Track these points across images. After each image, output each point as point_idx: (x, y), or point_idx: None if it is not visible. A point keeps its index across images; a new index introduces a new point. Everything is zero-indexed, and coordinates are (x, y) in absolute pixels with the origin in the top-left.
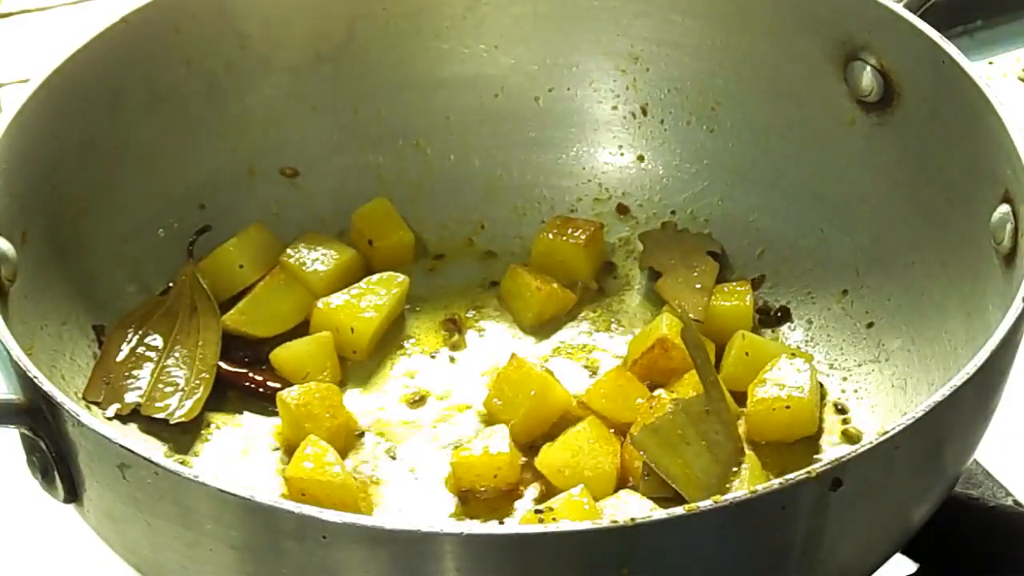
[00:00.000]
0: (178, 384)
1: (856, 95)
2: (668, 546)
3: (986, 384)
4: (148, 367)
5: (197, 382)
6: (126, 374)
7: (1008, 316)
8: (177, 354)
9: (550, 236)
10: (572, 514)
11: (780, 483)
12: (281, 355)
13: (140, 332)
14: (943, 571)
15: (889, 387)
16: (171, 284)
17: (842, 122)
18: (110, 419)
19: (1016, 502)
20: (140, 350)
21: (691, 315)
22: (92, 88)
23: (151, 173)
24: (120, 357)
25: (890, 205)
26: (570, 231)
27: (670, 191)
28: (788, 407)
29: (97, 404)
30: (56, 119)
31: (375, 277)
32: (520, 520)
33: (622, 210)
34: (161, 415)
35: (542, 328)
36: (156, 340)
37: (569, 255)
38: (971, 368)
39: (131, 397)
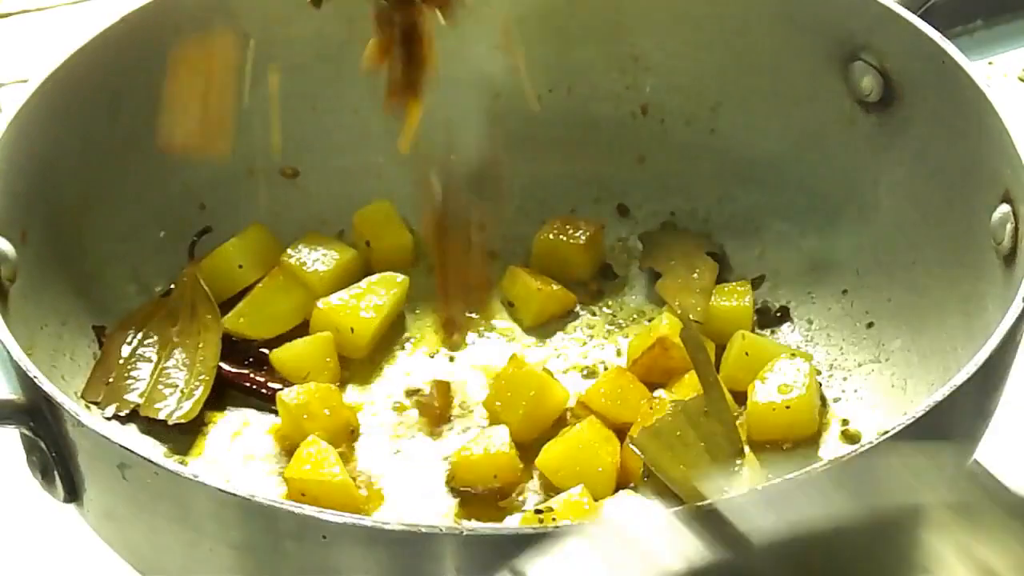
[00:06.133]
0: (177, 385)
1: (856, 95)
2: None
3: (986, 384)
4: (148, 368)
5: (196, 383)
6: (126, 375)
7: (1008, 316)
8: (177, 356)
9: (550, 236)
10: (572, 514)
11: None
12: (281, 355)
13: (141, 333)
14: None
15: (889, 387)
16: (172, 285)
17: (842, 122)
18: (109, 419)
19: None
20: (140, 351)
21: (691, 316)
22: (92, 88)
23: (151, 173)
24: (120, 358)
25: (890, 205)
26: (570, 231)
27: (670, 191)
28: (788, 407)
29: (97, 404)
30: (56, 119)
31: (375, 277)
32: (520, 520)
33: (622, 210)
34: (160, 416)
35: (542, 328)
36: (156, 341)
37: (569, 255)
38: (971, 368)
39: (130, 398)
